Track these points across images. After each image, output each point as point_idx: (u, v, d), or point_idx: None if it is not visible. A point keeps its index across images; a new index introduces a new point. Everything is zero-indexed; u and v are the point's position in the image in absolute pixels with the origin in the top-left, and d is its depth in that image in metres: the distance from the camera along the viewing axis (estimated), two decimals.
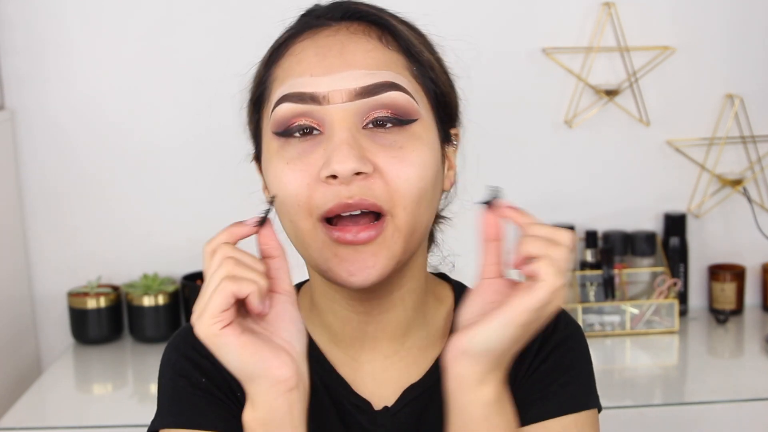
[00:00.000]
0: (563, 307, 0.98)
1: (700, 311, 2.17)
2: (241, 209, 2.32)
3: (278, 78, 0.84)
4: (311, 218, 0.80)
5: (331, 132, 0.80)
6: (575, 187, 2.15)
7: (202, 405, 0.88)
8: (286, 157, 0.81)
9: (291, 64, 0.83)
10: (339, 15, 0.85)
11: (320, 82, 0.80)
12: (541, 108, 2.11)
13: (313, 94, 0.80)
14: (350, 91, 0.80)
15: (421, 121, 0.83)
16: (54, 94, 2.05)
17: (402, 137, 0.81)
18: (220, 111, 2.07)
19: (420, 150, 0.81)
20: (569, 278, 0.77)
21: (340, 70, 0.80)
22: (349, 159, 0.77)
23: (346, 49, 0.82)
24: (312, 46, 0.83)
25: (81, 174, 2.08)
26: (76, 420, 1.69)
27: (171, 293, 2.04)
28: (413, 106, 0.82)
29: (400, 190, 0.80)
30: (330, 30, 0.84)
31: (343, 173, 0.77)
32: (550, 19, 2.08)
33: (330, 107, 0.80)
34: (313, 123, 0.81)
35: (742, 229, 2.15)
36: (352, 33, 0.83)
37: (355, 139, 0.79)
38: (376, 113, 0.80)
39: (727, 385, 1.76)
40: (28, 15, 2.03)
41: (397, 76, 0.82)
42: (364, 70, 0.81)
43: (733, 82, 2.13)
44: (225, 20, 2.05)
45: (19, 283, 2.06)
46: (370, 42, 0.83)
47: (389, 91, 0.80)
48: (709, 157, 2.14)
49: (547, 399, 0.89)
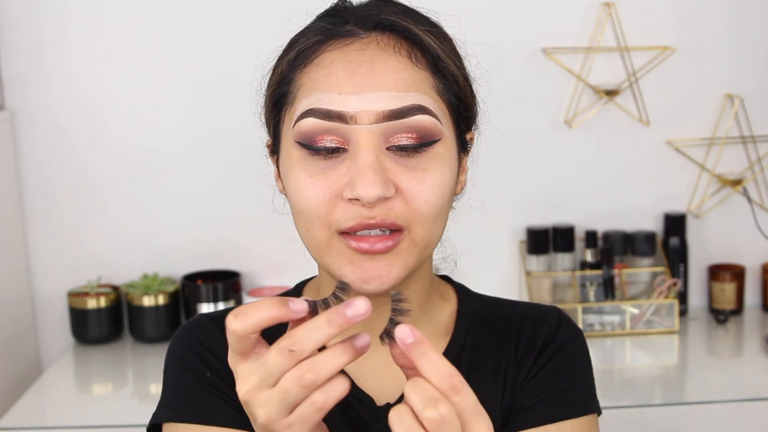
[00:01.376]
0: (564, 311, 0.98)
1: (700, 311, 2.17)
2: (242, 209, 2.32)
3: (304, 87, 0.83)
4: (329, 230, 0.81)
5: (356, 151, 0.80)
6: (575, 187, 2.15)
7: (207, 400, 0.89)
8: (309, 170, 0.81)
9: (318, 76, 0.82)
10: (370, 26, 0.84)
11: (348, 101, 0.80)
12: (541, 108, 2.11)
13: (340, 113, 0.80)
14: (378, 113, 0.80)
15: (443, 141, 0.83)
16: (54, 94, 2.05)
17: (424, 159, 0.81)
18: (221, 111, 2.07)
19: (440, 170, 0.82)
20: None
21: (368, 90, 0.80)
22: (375, 185, 0.78)
23: (376, 67, 0.81)
24: (341, 60, 0.82)
25: (81, 174, 2.08)
26: (76, 420, 1.69)
27: (171, 293, 2.04)
28: (437, 128, 0.82)
29: (420, 210, 0.81)
30: (360, 43, 0.83)
31: (367, 198, 0.78)
32: (550, 19, 2.08)
33: (356, 127, 0.80)
34: (338, 142, 0.80)
35: (742, 229, 2.15)
36: (382, 49, 0.82)
37: (379, 162, 0.79)
38: (401, 138, 0.80)
39: (727, 385, 1.76)
40: (28, 15, 2.02)
41: (424, 97, 0.82)
42: (393, 92, 0.80)
43: (733, 82, 2.13)
44: (225, 21, 2.05)
45: (19, 283, 2.06)
46: (400, 61, 0.82)
47: (416, 114, 0.80)
48: (709, 157, 2.14)
49: (547, 403, 0.89)
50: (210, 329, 0.92)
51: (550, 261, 2.11)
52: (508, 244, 2.16)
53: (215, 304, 2.02)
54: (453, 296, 0.97)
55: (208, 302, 2.02)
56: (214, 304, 2.02)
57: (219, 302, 2.02)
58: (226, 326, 0.69)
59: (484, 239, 2.10)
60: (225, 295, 2.03)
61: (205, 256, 2.11)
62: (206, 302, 2.02)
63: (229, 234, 2.12)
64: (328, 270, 0.84)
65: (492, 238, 2.14)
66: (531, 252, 2.10)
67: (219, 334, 0.91)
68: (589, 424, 0.90)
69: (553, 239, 2.11)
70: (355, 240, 0.80)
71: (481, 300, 0.98)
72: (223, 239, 2.12)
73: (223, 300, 2.02)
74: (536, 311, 0.97)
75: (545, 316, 0.96)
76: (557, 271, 2.10)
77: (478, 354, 0.93)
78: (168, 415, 0.89)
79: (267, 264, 2.12)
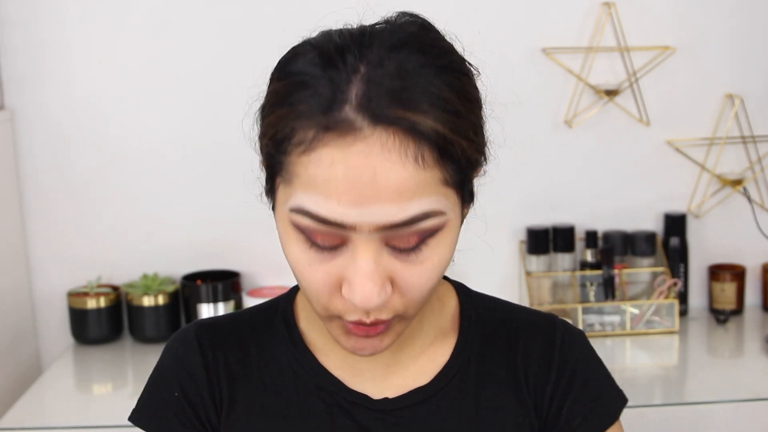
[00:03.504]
0: (564, 311, 0.99)
1: (700, 311, 2.18)
2: (242, 209, 2.32)
3: (301, 177, 0.75)
4: (327, 312, 0.81)
5: (354, 253, 0.76)
6: (575, 187, 2.15)
7: (167, 417, 0.91)
8: (307, 256, 0.79)
9: (317, 176, 0.74)
10: (375, 120, 0.73)
11: (348, 212, 0.74)
12: (541, 108, 2.11)
13: (340, 222, 0.74)
14: (379, 225, 0.74)
15: (448, 224, 0.78)
16: (53, 94, 2.05)
17: (426, 250, 0.78)
18: (221, 111, 2.07)
19: (441, 255, 0.79)
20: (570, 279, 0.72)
21: (370, 203, 0.73)
22: (373, 297, 0.75)
23: (379, 177, 0.73)
24: (341, 163, 0.73)
25: (81, 174, 2.08)
26: (76, 420, 1.69)
27: (171, 293, 2.04)
28: (441, 222, 0.77)
29: (416, 299, 0.79)
30: (364, 144, 0.72)
31: (365, 308, 0.77)
32: (550, 19, 2.08)
33: (355, 234, 0.75)
34: (335, 240, 0.77)
35: (742, 229, 2.15)
36: (387, 151, 0.73)
37: (378, 267, 0.76)
38: (401, 242, 0.77)
39: (727, 385, 1.76)
40: (28, 15, 2.02)
41: (429, 200, 0.75)
42: (396, 204, 0.74)
43: (733, 82, 2.13)
44: (226, 24, 2.05)
45: (19, 283, 2.06)
46: (406, 168, 0.73)
47: (420, 221, 0.75)
48: (709, 157, 2.14)
49: (591, 417, 0.93)
50: (191, 346, 0.93)
51: (550, 261, 2.11)
52: (508, 244, 2.16)
53: (215, 304, 2.02)
54: (452, 295, 0.97)
55: (207, 302, 2.02)
56: (214, 304, 2.02)
57: (219, 302, 2.02)
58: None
59: (484, 239, 2.10)
60: (225, 296, 2.03)
61: (205, 256, 2.11)
62: (206, 302, 2.02)
63: (229, 234, 2.12)
64: (324, 324, 0.84)
65: (492, 238, 2.13)
66: (531, 252, 2.10)
67: (202, 348, 0.92)
68: (619, 422, 0.95)
69: (553, 239, 2.11)
70: (351, 324, 0.80)
71: (482, 300, 0.97)
72: (223, 239, 2.12)
73: (223, 300, 2.02)
74: (539, 318, 0.97)
75: (551, 324, 0.96)
76: (557, 271, 2.10)
77: (486, 360, 0.92)
78: (134, 417, 0.94)
79: (267, 264, 2.12)
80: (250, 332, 0.94)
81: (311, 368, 0.91)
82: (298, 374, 0.91)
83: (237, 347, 0.93)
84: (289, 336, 0.92)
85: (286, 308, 0.95)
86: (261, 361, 0.92)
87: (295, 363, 0.91)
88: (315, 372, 0.91)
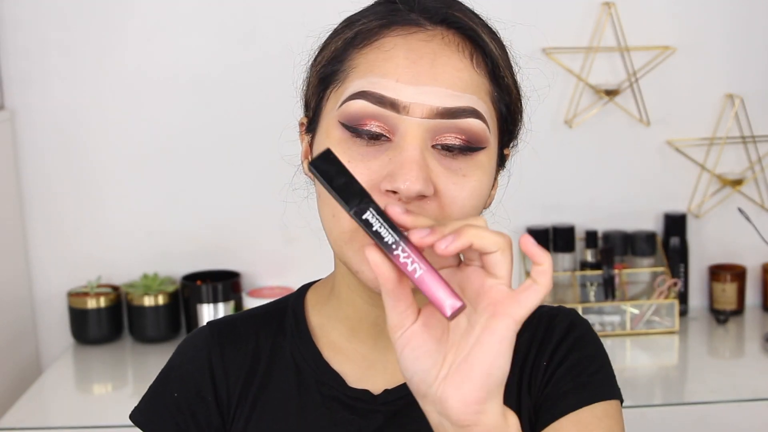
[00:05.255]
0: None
1: (701, 311, 2.17)
2: (242, 209, 2.32)
3: (359, 67, 0.80)
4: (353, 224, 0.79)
5: (401, 142, 0.77)
6: (575, 187, 2.15)
7: (165, 418, 0.91)
8: (349, 153, 0.78)
9: (377, 59, 0.79)
10: (437, 19, 0.81)
11: (404, 90, 0.77)
12: (541, 108, 2.10)
13: (394, 101, 0.77)
14: (432, 108, 0.77)
15: (488, 150, 0.81)
16: (54, 94, 2.05)
17: (467, 165, 0.80)
18: (221, 112, 2.07)
19: (480, 179, 0.81)
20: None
21: (427, 84, 0.77)
22: (417, 181, 0.75)
23: (438, 62, 0.78)
24: (403, 47, 0.79)
25: (81, 174, 2.08)
26: (76, 420, 1.69)
27: (171, 293, 2.04)
28: (486, 135, 0.80)
29: (453, 215, 0.79)
30: (425, 34, 0.80)
31: (407, 193, 0.76)
32: (550, 19, 2.08)
33: (407, 118, 0.77)
34: (384, 129, 0.78)
35: (743, 229, 2.15)
36: (446, 44, 0.80)
37: (423, 159, 0.77)
38: (448, 138, 0.78)
39: (727, 385, 1.76)
40: (29, 15, 2.02)
41: (479, 102, 0.80)
42: (451, 90, 0.78)
43: (733, 82, 2.13)
44: (226, 21, 2.05)
45: (19, 283, 2.06)
46: (462, 60, 0.80)
47: (469, 117, 0.78)
48: (709, 157, 2.14)
49: (581, 388, 0.89)
50: (199, 348, 0.93)
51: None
52: None
53: (215, 304, 2.02)
54: None
55: (208, 302, 2.02)
56: (214, 304, 2.02)
57: (219, 302, 2.02)
58: None
59: None
60: (225, 296, 2.03)
61: (205, 256, 2.11)
62: (206, 302, 2.02)
63: (229, 234, 2.12)
64: (346, 263, 0.82)
65: None
66: None
67: (210, 348, 0.93)
68: (616, 408, 0.91)
69: (553, 239, 2.11)
70: None
71: None
72: (223, 239, 2.12)
73: (223, 300, 2.02)
74: (548, 308, 0.97)
75: (556, 311, 0.97)
76: (557, 271, 2.10)
77: None
78: (134, 415, 0.94)
79: (267, 264, 2.12)
80: (261, 326, 0.94)
81: (314, 362, 0.91)
82: (300, 368, 0.91)
83: (249, 341, 0.93)
84: (297, 329, 0.93)
85: (296, 304, 0.95)
86: (269, 354, 0.92)
87: (299, 356, 0.92)
88: (317, 366, 0.91)
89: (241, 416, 0.91)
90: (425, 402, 0.69)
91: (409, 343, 0.68)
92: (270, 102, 1.74)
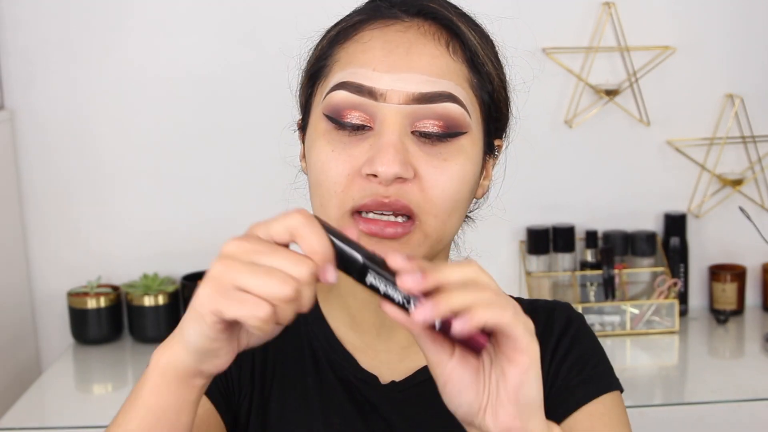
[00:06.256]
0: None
1: (701, 311, 2.17)
2: (242, 209, 2.31)
3: (340, 61, 0.84)
4: (342, 209, 0.81)
5: (380, 130, 0.80)
6: (575, 187, 2.15)
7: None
8: (333, 143, 0.82)
9: (356, 51, 0.83)
10: (414, 11, 0.85)
11: (381, 78, 0.80)
12: (541, 108, 2.11)
13: (371, 89, 0.80)
14: (408, 94, 0.80)
15: (470, 135, 0.83)
16: (54, 94, 2.05)
17: (447, 150, 0.82)
18: (221, 111, 2.07)
19: (462, 164, 0.82)
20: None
21: (402, 71, 0.81)
22: (394, 163, 0.78)
23: (413, 50, 0.82)
24: (380, 38, 0.83)
25: (81, 174, 2.08)
26: (76, 420, 1.69)
27: (171, 293, 2.04)
28: (465, 120, 0.82)
29: (435, 199, 0.81)
30: (401, 26, 0.84)
31: (385, 176, 0.78)
32: (550, 19, 2.08)
33: (385, 105, 0.80)
34: (364, 119, 0.81)
35: (743, 229, 2.15)
36: (421, 34, 0.83)
37: (402, 143, 0.80)
38: (426, 124, 0.81)
39: (727, 385, 1.76)
40: (29, 15, 2.02)
41: (456, 87, 0.82)
42: (426, 75, 0.81)
43: (733, 82, 2.13)
44: (226, 19, 2.05)
45: (19, 283, 2.06)
46: (438, 48, 0.83)
47: (446, 102, 0.81)
48: (709, 157, 2.14)
49: (588, 381, 0.91)
50: None
51: (550, 261, 2.11)
52: (508, 244, 2.16)
53: None
54: None
55: None
56: None
57: None
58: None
59: (484, 239, 2.09)
60: None
61: (205, 256, 2.11)
62: None
63: (228, 234, 2.10)
64: None
65: (492, 238, 2.14)
66: (531, 252, 2.10)
67: None
68: (620, 397, 0.93)
69: (553, 239, 2.11)
70: (365, 222, 0.80)
71: None
72: (223, 239, 2.11)
73: None
74: (543, 302, 0.98)
75: (553, 305, 0.98)
76: (557, 271, 2.10)
77: None
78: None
79: None
80: None
81: (326, 342, 0.92)
82: (314, 347, 0.92)
83: None
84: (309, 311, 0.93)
85: None
86: (283, 334, 0.93)
87: (312, 335, 0.92)
88: (329, 346, 0.92)
89: (264, 386, 0.91)
90: (472, 429, 0.71)
91: (451, 379, 0.70)
92: (270, 102, 1.74)
